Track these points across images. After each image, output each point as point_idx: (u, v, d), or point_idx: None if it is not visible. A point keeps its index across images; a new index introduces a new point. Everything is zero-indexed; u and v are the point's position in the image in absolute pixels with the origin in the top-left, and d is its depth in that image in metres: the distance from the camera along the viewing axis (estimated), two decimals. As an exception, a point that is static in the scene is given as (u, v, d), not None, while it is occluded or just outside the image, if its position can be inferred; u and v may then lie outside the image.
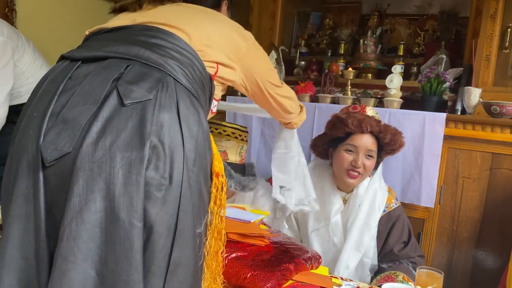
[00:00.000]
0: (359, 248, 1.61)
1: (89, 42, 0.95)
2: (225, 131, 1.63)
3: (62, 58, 0.91)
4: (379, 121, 1.65)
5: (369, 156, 1.62)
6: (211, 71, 0.95)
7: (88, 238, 0.73)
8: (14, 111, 1.79)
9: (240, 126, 1.67)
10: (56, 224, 0.75)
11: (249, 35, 1.08)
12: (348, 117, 1.59)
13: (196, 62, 0.90)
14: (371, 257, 1.64)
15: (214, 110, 1.05)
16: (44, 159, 0.75)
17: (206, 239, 0.90)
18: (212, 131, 1.62)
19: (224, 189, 0.92)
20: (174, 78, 0.84)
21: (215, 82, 0.98)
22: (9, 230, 0.77)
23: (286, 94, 1.28)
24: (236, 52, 1.02)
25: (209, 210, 0.90)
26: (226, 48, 0.99)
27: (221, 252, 0.94)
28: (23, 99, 1.82)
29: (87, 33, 0.98)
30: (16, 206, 0.77)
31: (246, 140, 1.68)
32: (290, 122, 1.46)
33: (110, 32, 0.93)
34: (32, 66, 1.84)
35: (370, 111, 1.69)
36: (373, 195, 1.66)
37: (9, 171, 0.82)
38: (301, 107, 1.48)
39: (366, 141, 1.60)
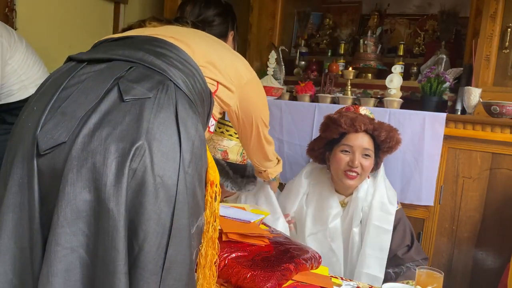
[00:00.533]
0: (380, 253, 1.57)
1: (96, 48, 0.98)
2: (227, 130, 1.63)
3: (69, 59, 0.93)
4: (373, 119, 1.63)
5: (366, 155, 1.60)
6: (211, 88, 0.97)
7: (83, 225, 0.75)
8: (5, 110, 1.77)
9: None
10: (50, 214, 0.76)
11: (253, 70, 1.12)
12: (340, 116, 1.58)
13: (197, 75, 0.91)
14: None
15: (212, 129, 1.05)
16: (39, 147, 0.76)
17: (202, 246, 0.91)
18: (215, 130, 1.62)
19: (218, 198, 0.93)
20: (174, 83, 0.86)
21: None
22: (3, 219, 0.78)
23: (269, 138, 1.33)
24: (238, 79, 1.05)
25: (205, 218, 0.90)
26: (229, 72, 1.02)
27: (215, 261, 0.95)
28: (15, 97, 1.79)
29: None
30: (10, 195, 0.78)
31: None
32: (266, 171, 1.50)
33: (118, 40, 0.96)
34: (24, 64, 1.81)
35: (364, 110, 1.67)
36: (380, 197, 1.62)
37: (6, 162, 0.83)
38: (278, 160, 1.52)
39: (362, 140, 1.58)
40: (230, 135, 1.62)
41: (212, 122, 1.03)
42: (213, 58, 0.98)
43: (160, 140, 0.78)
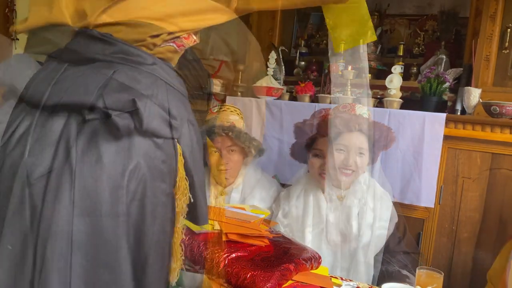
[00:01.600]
0: (376, 242, 1.59)
1: (77, 40, 0.85)
2: (228, 108, 1.73)
3: (50, 57, 0.84)
4: (367, 119, 1.65)
5: (361, 153, 1.62)
6: (210, 69, 0.93)
7: (80, 258, 0.70)
8: None
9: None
10: (45, 242, 0.71)
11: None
12: (335, 117, 1.61)
13: (192, 61, 0.87)
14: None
15: (215, 110, 1.03)
16: (29, 176, 0.71)
17: (208, 251, 0.89)
18: (224, 110, 1.65)
19: (223, 196, 0.91)
20: (165, 82, 0.80)
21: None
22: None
23: None
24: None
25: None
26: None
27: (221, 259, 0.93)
28: None
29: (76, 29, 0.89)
30: (5, 223, 0.73)
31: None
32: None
33: (100, 27, 0.84)
34: None
35: (360, 109, 1.68)
36: (376, 189, 1.65)
37: None
38: None
39: (356, 140, 1.61)
40: (232, 111, 1.74)
41: (215, 103, 1.00)
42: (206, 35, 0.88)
43: (153, 157, 0.73)
